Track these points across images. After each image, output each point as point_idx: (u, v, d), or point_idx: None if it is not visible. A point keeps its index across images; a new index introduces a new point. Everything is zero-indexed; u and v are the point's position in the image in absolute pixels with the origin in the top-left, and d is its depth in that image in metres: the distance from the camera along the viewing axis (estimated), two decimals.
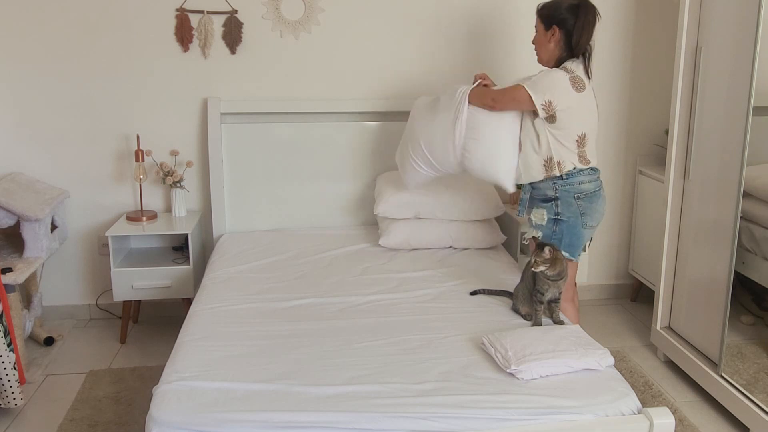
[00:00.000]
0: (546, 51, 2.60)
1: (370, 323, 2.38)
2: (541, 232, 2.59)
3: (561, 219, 2.55)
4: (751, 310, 2.83)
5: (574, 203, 2.54)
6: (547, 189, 2.57)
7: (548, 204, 2.58)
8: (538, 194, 2.62)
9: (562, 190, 2.54)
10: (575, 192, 2.54)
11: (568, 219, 2.54)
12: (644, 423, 1.88)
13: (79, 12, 3.24)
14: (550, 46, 2.57)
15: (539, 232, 2.60)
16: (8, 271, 2.85)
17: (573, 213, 2.54)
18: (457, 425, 1.82)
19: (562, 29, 2.53)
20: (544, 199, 2.59)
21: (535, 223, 2.62)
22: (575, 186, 2.54)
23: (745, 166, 2.54)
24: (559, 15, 2.53)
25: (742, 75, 2.53)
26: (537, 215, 2.61)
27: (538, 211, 2.61)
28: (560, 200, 2.55)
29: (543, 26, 2.58)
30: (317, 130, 3.43)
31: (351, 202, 3.52)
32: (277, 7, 3.34)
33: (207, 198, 3.51)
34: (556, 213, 2.55)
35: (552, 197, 2.56)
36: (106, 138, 3.39)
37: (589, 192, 2.55)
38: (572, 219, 2.54)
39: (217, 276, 2.82)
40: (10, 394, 2.58)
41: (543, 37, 2.59)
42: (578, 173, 2.53)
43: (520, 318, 2.43)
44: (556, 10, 2.54)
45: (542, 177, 2.56)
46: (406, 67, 3.50)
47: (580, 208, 2.54)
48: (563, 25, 2.53)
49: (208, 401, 1.87)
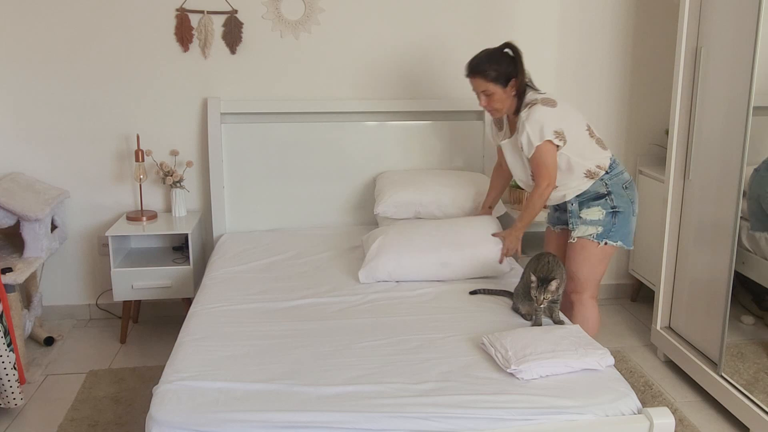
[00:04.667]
0: (508, 104, 2.64)
1: (370, 323, 2.37)
2: (601, 227, 2.62)
3: (618, 210, 2.61)
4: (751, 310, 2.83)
5: (624, 193, 2.63)
6: (598, 187, 2.63)
7: (601, 200, 2.63)
8: (587, 196, 2.65)
9: (611, 183, 2.62)
10: (622, 182, 2.63)
11: (624, 209, 2.62)
12: (644, 423, 1.88)
13: (79, 12, 3.24)
14: (512, 98, 2.62)
15: (598, 227, 2.62)
16: (8, 271, 2.85)
17: (625, 202, 2.63)
18: (457, 425, 1.82)
19: (518, 76, 2.58)
20: (595, 197, 2.64)
21: (590, 221, 2.63)
22: (620, 176, 2.64)
23: (745, 166, 2.55)
24: (510, 68, 2.58)
25: (742, 75, 2.53)
26: (591, 213, 2.63)
27: (590, 210, 2.64)
28: (613, 193, 2.62)
29: (500, 86, 2.59)
30: (317, 130, 3.43)
31: (351, 202, 3.52)
32: (277, 7, 3.34)
33: (207, 198, 3.51)
34: (613, 206, 2.61)
35: (604, 193, 2.62)
36: (106, 138, 3.40)
37: (629, 180, 2.67)
38: (626, 208, 2.63)
39: (217, 276, 2.82)
40: (10, 394, 2.57)
41: (503, 95, 2.60)
42: (615, 164, 2.64)
43: (520, 318, 2.43)
44: (505, 66, 2.58)
45: (590, 184, 2.63)
46: (406, 67, 3.49)
47: (629, 197, 2.64)
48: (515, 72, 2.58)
49: (208, 401, 1.87)
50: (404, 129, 3.47)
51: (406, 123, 3.47)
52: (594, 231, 2.63)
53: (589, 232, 2.63)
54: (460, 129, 3.50)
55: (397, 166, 3.49)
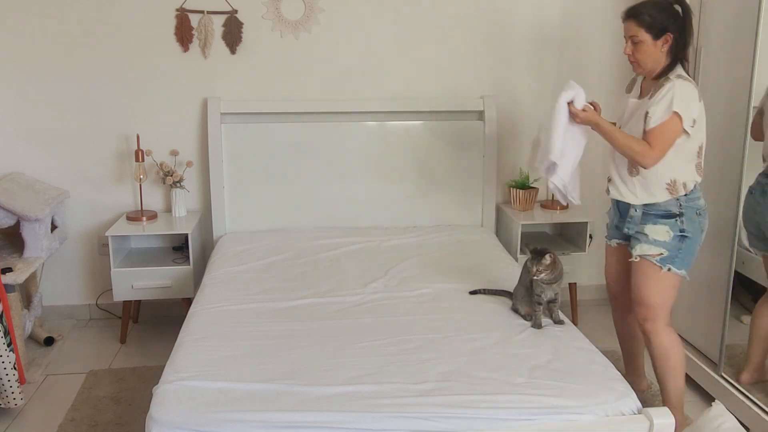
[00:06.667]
0: (655, 60, 2.33)
1: (370, 323, 2.38)
2: (665, 250, 2.38)
3: (686, 236, 2.37)
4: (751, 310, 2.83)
5: (696, 219, 2.38)
6: (671, 205, 2.37)
7: (671, 220, 2.37)
8: (656, 210, 2.40)
9: (686, 206, 2.36)
10: (697, 208, 2.38)
11: (692, 235, 2.37)
12: (644, 423, 1.88)
13: (79, 12, 3.24)
14: (661, 55, 2.32)
15: (662, 249, 2.38)
16: (8, 271, 2.85)
17: (695, 229, 2.38)
18: (457, 425, 1.82)
19: (675, 34, 2.29)
20: (666, 215, 2.38)
21: (653, 240, 2.38)
22: (696, 201, 2.38)
23: (745, 166, 2.55)
24: (668, 20, 2.29)
25: (742, 75, 2.53)
26: (658, 232, 2.38)
27: (657, 227, 2.38)
28: (685, 216, 2.36)
29: (651, 35, 2.30)
30: (317, 130, 3.43)
31: (351, 201, 3.52)
32: (277, 7, 3.34)
33: (207, 198, 3.51)
34: (681, 230, 2.37)
35: (676, 213, 2.37)
36: (106, 138, 3.40)
37: (703, 208, 2.41)
38: (695, 235, 2.38)
39: (217, 276, 2.82)
40: (10, 394, 2.57)
41: (652, 47, 2.31)
42: (696, 189, 2.39)
43: (520, 318, 2.43)
44: (664, 16, 2.29)
45: (665, 199, 2.37)
46: (407, 67, 3.50)
47: (701, 225, 2.39)
48: (673, 31, 2.29)
49: (208, 401, 1.87)
50: (404, 129, 3.47)
51: (406, 123, 3.47)
52: (658, 252, 2.38)
53: (652, 252, 2.38)
54: (460, 129, 3.50)
55: (397, 166, 3.49)
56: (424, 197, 3.53)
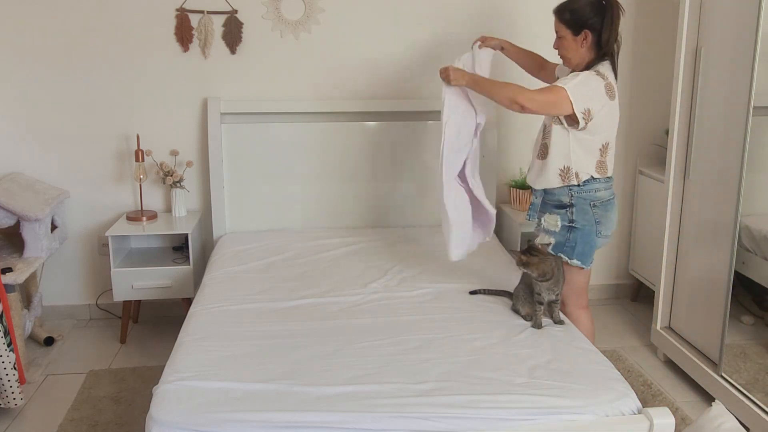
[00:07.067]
0: (577, 56, 2.44)
1: (370, 323, 2.38)
2: (553, 239, 2.49)
3: (575, 227, 2.46)
4: (751, 310, 2.83)
5: (590, 211, 2.45)
6: (562, 195, 2.47)
7: (562, 211, 2.48)
8: (551, 199, 2.51)
9: (577, 197, 2.45)
10: (591, 199, 2.44)
11: (583, 227, 2.46)
12: (644, 423, 1.88)
13: (79, 12, 3.24)
14: (582, 51, 2.42)
15: (552, 238, 2.49)
16: (8, 271, 2.85)
17: (588, 221, 2.45)
18: (457, 425, 1.82)
19: (593, 32, 2.38)
20: (558, 205, 2.49)
21: (546, 229, 2.51)
22: (591, 193, 2.44)
23: (745, 166, 2.54)
24: (587, 17, 2.37)
25: (742, 75, 2.53)
26: (550, 221, 2.51)
27: (551, 216, 2.50)
28: (575, 207, 2.45)
29: (571, 32, 2.40)
30: (317, 130, 3.43)
31: (351, 201, 3.52)
32: (277, 7, 3.34)
33: (207, 198, 3.51)
34: (571, 220, 2.46)
35: (567, 204, 2.46)
36: (106, 138, 3.39)
37: (604, 200, 2.46)
38: (587, 227, 2.46)
39: (217, 276, 2.83)
40: (10, 394, 2.57)
41: (573, 43, 2.41)
42: (594, 181, 2.45)
43: (521, 318, 2.43)
44: (582, 13, 2.38)
45: (558, 185, 2.46)
46: (407, 67, 3.49)
47: (596, 216, 2.45)
48: (593, 27, 2.38)
49: (208, 401, 1.87)
50: (404, 129, 3.47)
51: (407, 123, 3.47)
52: (548, 241, 2.49)
53: (545, 241, 2.50)
54: None
55: (398, 166, 3.49)
56: (424, 197, 3.53)
